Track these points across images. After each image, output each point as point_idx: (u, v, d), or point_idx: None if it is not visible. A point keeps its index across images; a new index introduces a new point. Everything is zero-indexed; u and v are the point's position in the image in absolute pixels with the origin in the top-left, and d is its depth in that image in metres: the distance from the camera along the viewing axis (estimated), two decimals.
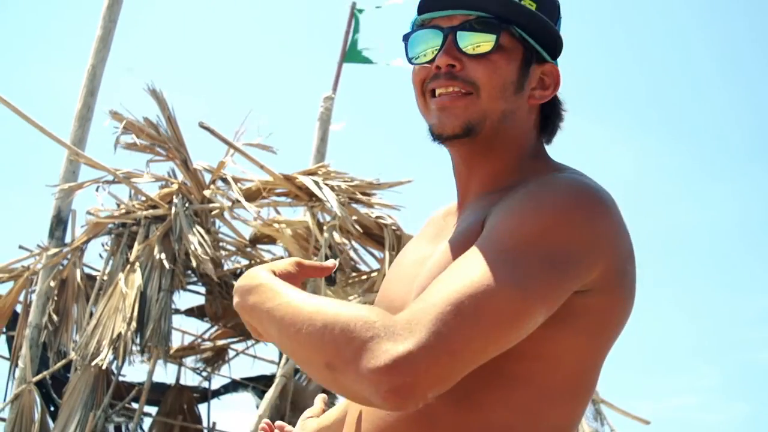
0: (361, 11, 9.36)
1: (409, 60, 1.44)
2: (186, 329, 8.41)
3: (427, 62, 1.41)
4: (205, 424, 8.03)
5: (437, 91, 1.38)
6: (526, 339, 1.16)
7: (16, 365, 6.71)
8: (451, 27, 1.38)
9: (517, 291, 1.12)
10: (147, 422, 7.66)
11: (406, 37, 1.45)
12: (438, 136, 1.39)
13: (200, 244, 6.10)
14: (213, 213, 6.54)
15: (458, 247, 1.27)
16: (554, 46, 1.42)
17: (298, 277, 1.36)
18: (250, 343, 8.37)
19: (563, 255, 1.17)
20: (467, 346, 1.08)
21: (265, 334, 1.26)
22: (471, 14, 1.38)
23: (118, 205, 6.83)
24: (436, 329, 1.07)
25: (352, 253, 6.76)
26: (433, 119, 1.39)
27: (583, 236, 1.20)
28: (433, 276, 1.23)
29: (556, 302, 1.17)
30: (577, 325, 1.24)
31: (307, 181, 5.99)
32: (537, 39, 1.41)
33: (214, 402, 8.35)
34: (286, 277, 1.32)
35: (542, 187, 1.26)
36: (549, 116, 1.47)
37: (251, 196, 6.40)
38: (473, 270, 1.14)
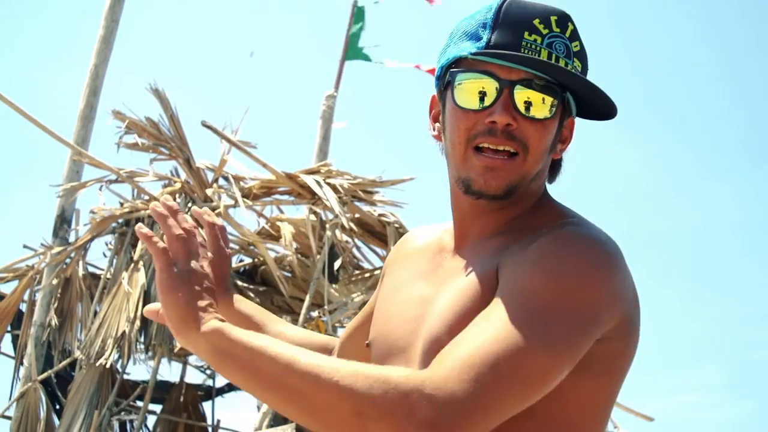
0: (362, 8, 9.37)
1: (454, 100, 1.36)
2: None
3: (475, 109, 1.34)
4: (209, 422, 8.05)
5: (484, 145, 1.33)
6: None
7: (21, 364, 6.74)
8: (510, 81, 1.32)
9: (548, 353, 1.17)
10: (151, 420, 7.69)
11: (452, 73, 1.37)
12: (476, 193, 1.35)
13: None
14: (216, 212, 6.56)
15: (472, 295, 1.31)
16: (605, 111, 1.38)
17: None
18: None
19: (586, 314, 1.23)
20: (501, 406, 1.14)
21: (252, 377, 1.19)
22: (536, 74, 1.32)
23: (122, 204, 6.86)
24: (474, 391, 1.11)
25: (354, 251, 6.78)
26: (474, 175, 1.34)
27: (602, 294, 1.25)
28: (445, 322, 1.30)
29: (579, 358, 1.24)
30: (596, 369, 1.30)
31: (309, 180, 6.01)
32: (578, 100, 1.38)
33: (218, 400, 8.36)
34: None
35: (560, 245, 1.27)
36: (557, 163, 1.46)
37: (254, 194, 6.43)
38: (507, 332, 1.17)
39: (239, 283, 6.87)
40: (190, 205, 6.47)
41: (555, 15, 1.35)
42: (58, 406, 6.72)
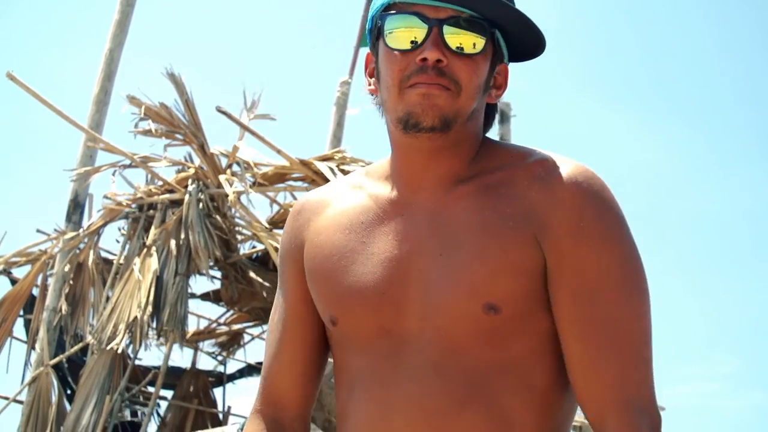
0: None
1: (386, 44, 1.39)
2: (202, 313, 8.44)
3: (406, 50, 1.36)
4: (220, 408, 8.05)
5: (418, 83, 1.35)
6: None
7: (33, 348, 6.75)
8: (438, 19, 1.35)
9: (649, 314, 1.35)
10: (163, 406, 7.70)
11: (381, 17, 1.40)
12: (414, 125, 1.36)
13: (205, 239, 6.10)
14: (229, 198, 6.53)
15: (500, 258, 1.33)
16: (534, 48, 1.43)
17: None
18: (265, 327, 8.38)
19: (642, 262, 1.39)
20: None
21: None
22: (462, 11, 1.35)
23: (135, 190, 6.84)
24: (652, 403, 1.30)
25: None
26: (411, 107, 1.35)
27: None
28: (472, 286, 1.32)
29: None
30: None
31: (323, 167, 5.97)
32: (509, 41, 1.42)
33: (229, 386, 8.37)
34: None
35: (595, 202, 1.35)
36: (491, 111, 1.49)
37: (267, 180, 6.39)
38: (640, 333, 1.33)
39: (251, 272, 6.85)
40: (203, 191, 6.45)
41: None
42: (69, 391, 6.73)
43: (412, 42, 1.35)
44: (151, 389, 7.01)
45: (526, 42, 1.41)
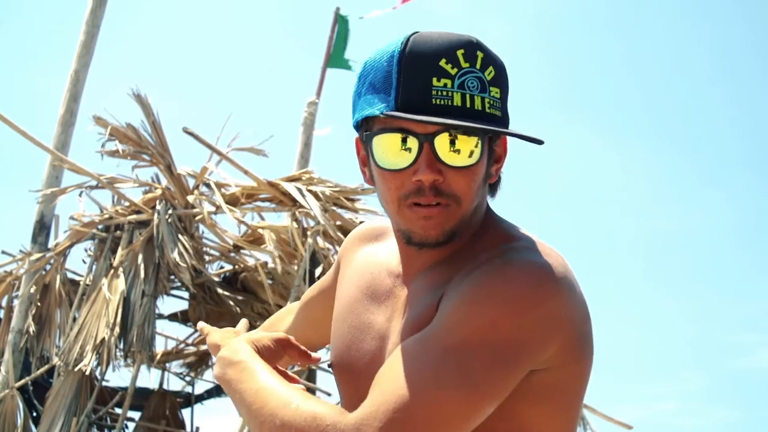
0: (345, 17, 9.38)
1: (377, 164, 1.31)
2: (169, 334, 8.40)
3: (400, 169, 1.29)
4: (188, 429, 8.01)
5: (417, 202, 1.30)
6: (499, 419, 1.23)
7: None
8: (427, 134, 1.26)
9: (466, 392, 1.15)
10: (130, 427, 7.64)
11: (368, 137, 1.32)
12: (419, 244, 1.33)
13: (180, 253, 6.10)
14: (197, 218, 6.54)
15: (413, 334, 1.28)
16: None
17: (278, 356, 1.39)
18: None
19: (511, 346, 1.19)
20: None
21: (238, 409, 1.30)
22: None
23: (102, 211, 6.82)
24: None
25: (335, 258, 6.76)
26: (412, 227, 1.31)
27: (532, 323, 1.20)
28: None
29: (505, 393, 1.20)
30: (546, 397, 1.27)
31: (290, 188, 6.00)
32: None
33: (197, 407, 8.34)
34: (266, 354, 1.37)
35: (492, 275, 1.24)
36: (496, 181, 1.41)
37: (235, 201, 6.41)
38: (422, 371, 1.16)
39: (219, 290, 6.85)
40: (171, 212, 6.46)
41: (461, 48, 1.26)
42: (35, 414, 6.67)
43: (404, 160, 1.28)
44: (118, 411, 6.97)
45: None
